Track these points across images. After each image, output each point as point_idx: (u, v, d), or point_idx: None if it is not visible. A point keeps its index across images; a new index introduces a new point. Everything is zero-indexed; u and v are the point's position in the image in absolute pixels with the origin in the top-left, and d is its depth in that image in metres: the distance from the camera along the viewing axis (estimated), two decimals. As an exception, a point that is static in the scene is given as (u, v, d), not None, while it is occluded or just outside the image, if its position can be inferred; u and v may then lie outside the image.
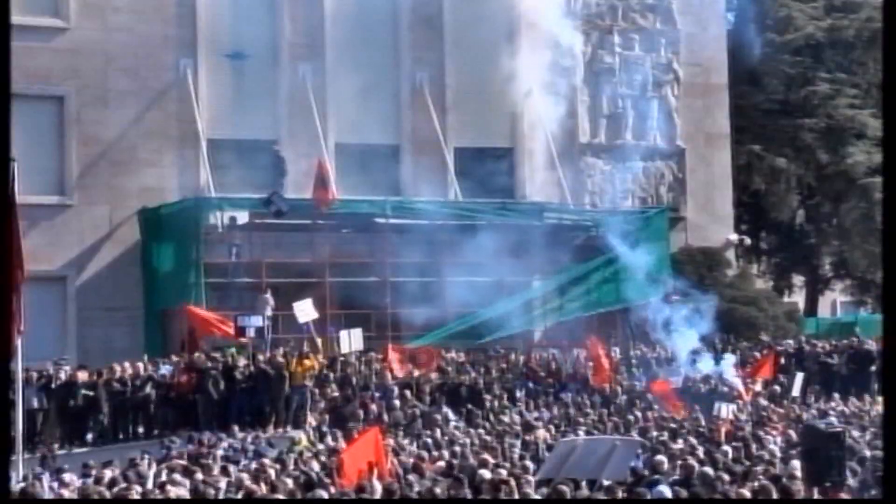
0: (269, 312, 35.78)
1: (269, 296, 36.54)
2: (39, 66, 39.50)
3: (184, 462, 24.35)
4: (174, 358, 34.07)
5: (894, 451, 13.35)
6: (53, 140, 39.91)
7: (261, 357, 33.86)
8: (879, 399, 35.45)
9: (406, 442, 27.48)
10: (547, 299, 42.33)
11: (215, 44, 41.81)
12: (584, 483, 18.07)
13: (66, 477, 23.38)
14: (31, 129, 39.15)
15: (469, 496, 17.97)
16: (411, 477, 20.46)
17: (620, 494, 17.25)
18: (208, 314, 36.57)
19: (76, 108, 40.04)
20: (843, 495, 17.11)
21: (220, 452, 27.00)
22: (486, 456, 22.35)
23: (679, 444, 23.38)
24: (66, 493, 21.03)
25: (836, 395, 34.78)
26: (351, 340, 35.74)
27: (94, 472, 23.23)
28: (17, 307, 27.28)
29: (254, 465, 23.28)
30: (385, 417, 31.32)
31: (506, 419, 31.00)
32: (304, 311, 35.00)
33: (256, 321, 35.37)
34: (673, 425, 27.71)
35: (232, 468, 23.17)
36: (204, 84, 41.42)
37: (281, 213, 37.60)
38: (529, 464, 20.76)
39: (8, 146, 18.51)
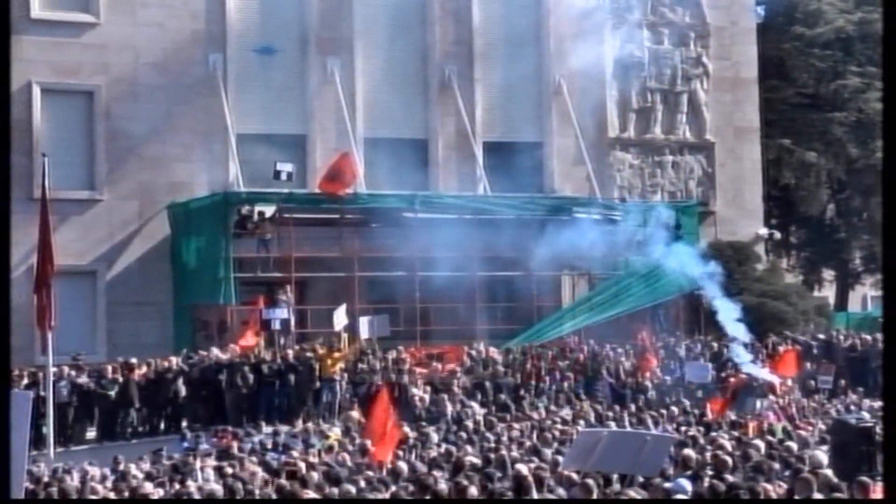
0: (287, 309, 36.03)
1: (287, 294, 36.65)
2: (69, 60, 39.64)
3: (213, 458, 24.44)
4: (203, 353, 34.21)
5: (894, 450, 13.24)
6: (83, 135, 40.00)
7: (290, 352, 33.97)
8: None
9: (436, 437, 27.41)
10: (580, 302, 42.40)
11: (244, 38, 41.86)
12: (615, 477, 18.03)
13: (96, 471, 23.47)
14: (60, 125, 39.38)
15: (501, 491, 17.91)
16: (439, 472, 20.39)
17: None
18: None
19: (105, 103, 40.10)
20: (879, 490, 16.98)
21: (248, 447, 27.06)
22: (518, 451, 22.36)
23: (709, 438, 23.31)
24: (100, 489, 21.04)
25: (862, 390, 34.71)
26: (374, 327, 35.97)
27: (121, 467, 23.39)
28: (48, 302, 27.45)
29: (283, 459, 23.30)
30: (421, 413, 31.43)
31: (535, 415, 30.97)
32: (339, 318, 35.24)
33: (281, 314, 35.51)
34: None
35: (260, 462, 23.27)
36: (233, 79, 41.48)
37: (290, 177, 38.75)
38: (560, 459, 20.67)
39: (8, 143, 18.53)
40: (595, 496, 17.08)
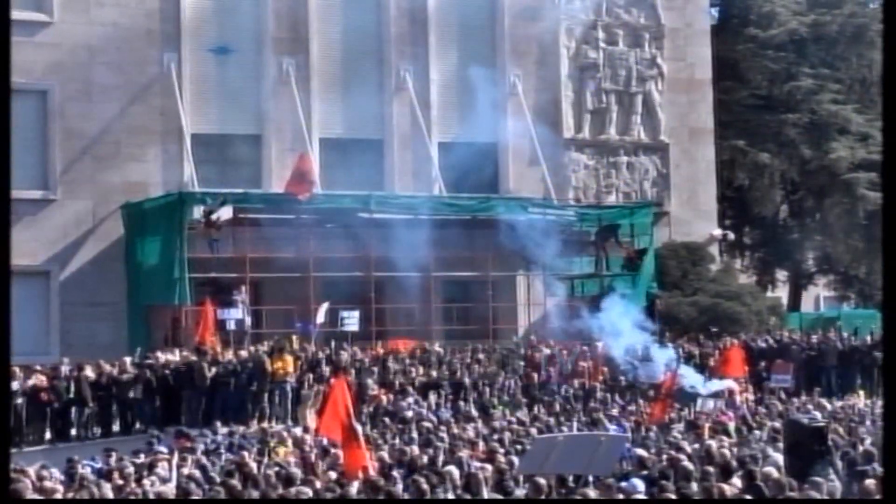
0: (243, 309, 36.01)
1: (242, 294, 36.60)
2: (22, 60, 39.15)
3: (168, 457, 24.32)
4: (159, 353, 34.07)
5: (894, 450, 13.33)
6: (36, 134, 39.73)
7: (244, 353, 33.89)
8: (862, 394, 35.66)
9: (389, 436, 27.42)
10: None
11: (199, 38, 41.73)
12: (570, 478, 18.09)
13: (47, 473, 23.29)
14: (14, 124, 38.88)
15: (450, 492, 17.95)
16: (395, 473, 20.40)
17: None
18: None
19: (59, 103, 39.89)
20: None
21: (201, 447, 26.97)
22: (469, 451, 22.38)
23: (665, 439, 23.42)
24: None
25: (818, 391, 34.90)
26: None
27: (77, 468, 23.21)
28: (1, 302, 27.25)
29: (234, 460, 23.22)
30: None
31: (496, 413, 31.05)
32: (321, 315, 35.40)
33: (236, 314, 35.45)
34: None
35: (212, 462, 23.24)
36: (188, 78, 41.34)
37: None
38: (515, 459, 20.74)
39: (8, 142, 18.44)
40: (545, 495, 17.15)
